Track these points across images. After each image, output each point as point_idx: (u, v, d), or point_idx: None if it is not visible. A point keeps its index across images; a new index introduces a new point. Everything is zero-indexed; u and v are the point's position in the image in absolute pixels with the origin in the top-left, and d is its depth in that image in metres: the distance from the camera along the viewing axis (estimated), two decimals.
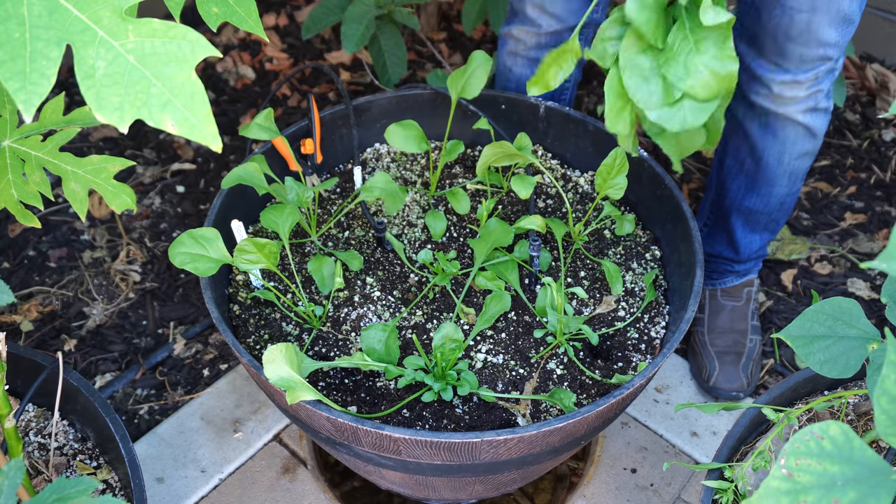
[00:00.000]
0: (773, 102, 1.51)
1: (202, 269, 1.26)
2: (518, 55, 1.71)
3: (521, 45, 1.69)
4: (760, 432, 1.38)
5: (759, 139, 1.59)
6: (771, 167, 1.62)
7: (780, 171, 1.63)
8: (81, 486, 0.85)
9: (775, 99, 1.50)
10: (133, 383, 1.82)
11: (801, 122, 1.53)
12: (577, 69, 1.73)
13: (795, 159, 1.60)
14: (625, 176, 1.45)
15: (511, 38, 1.70)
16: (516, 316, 1.43)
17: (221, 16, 1.06)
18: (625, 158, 1.43)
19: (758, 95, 1.52)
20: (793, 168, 1.62)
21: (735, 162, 1.67)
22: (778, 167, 1.62)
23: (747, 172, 1.66)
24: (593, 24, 1.66)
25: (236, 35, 2.66)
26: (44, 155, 1.16)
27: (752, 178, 1.66)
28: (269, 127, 1.47)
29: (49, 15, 0.62)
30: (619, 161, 1.44)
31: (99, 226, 2.11)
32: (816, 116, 1.54)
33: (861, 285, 2.01)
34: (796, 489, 0.69)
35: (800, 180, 1.66)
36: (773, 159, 1.61)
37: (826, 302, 1.06)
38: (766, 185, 1.65)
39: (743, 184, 1.68)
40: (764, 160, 1.61)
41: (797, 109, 1.52)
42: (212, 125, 0.63)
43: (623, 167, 1.44)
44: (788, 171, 1.63)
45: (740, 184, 1.69)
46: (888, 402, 0.70)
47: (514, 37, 1.69)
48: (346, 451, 1.29)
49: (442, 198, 1.61)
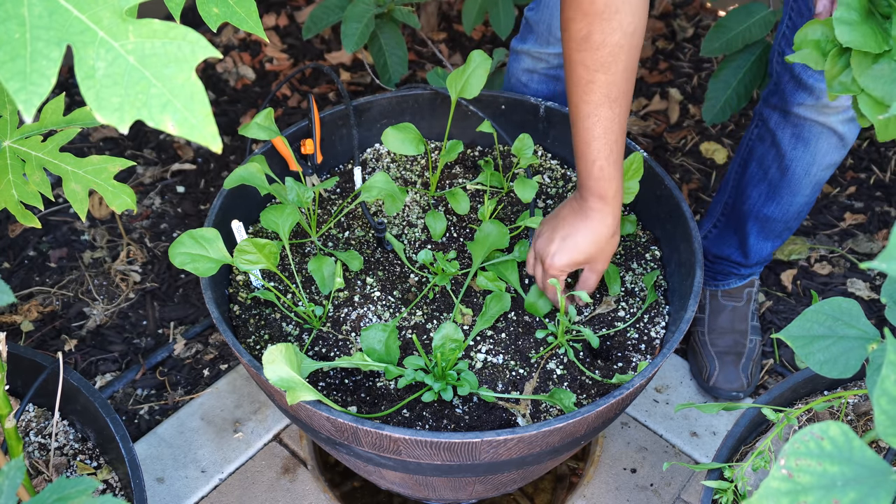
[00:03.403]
0: (817, 111, 1.49)
1: (202, 270, 1.26)
2: (536, 73, 1.69)
3: (542, 65, 1.67)
4: (760, 432, 1.39)
5: (789, 149, 1.57)
6: (797, 177, 1.60)
7: (807, 182, 1.60)
8: (82, 486, 0.85)
9: (821, 108, 1.48)
10: (133, 383, 1.82)
11: (839, 131, 1.51)
12: None
13: (823, 170, 1.58)
14: (638, 181, 1.44)
15: (528, 57, 1.69)
16: (516, 316, 1.43)
17: (221, 16, 1.06)
18: (641, 164, 1.43)
19: (801, 106, 1.49)
20: (819, 179, 1.60)
21: (759, 169, 1.65)
22: (805, 178, 1.59)
23: (771, 181, 1.63)
24: None
25: (236, 35, 2.66)
26: (44, 155, 1.16)
27: (775, 187, 1.64)
28: (269, 127, 1.47)
29: (49, 15, 0.62)
30: (635, 166, 1.43)
31: (99, 226, 2.11)
32: (853, 125, 1.51)
33: (861, 285, 2.01)
34: (796, 489, 0.69)
35: (819, 191, 1.64)
36: (801, 170, 1.58)
37: (826, 302, 1.06)
38: (790, 194, 1.63)
39: (765, 191, 1.66)
40: (791, 170, 1.59)
41: (838, 119, 1.49)
42: (212, 126, 0.63)
43: (638, 172, 1.43)
44: (814, 182, 1.61)
45: (762, 191, 1.66)
46: (888, 402, 0.70)
47: (532, 56, 1.68)
48: (346, 452, 1.29)
49: (442, 198, 1.61)
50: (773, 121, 1.57)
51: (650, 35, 2.68)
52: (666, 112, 2.45)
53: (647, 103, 2.46)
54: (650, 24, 2.69)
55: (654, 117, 2.44)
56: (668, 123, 2.42)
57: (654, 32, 2.69)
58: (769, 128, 1.59)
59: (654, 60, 2.61)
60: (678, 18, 2.74)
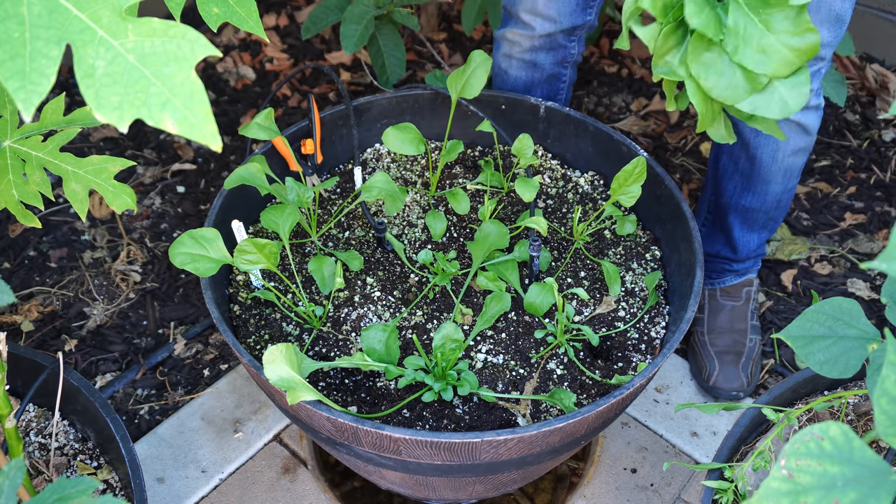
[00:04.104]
0: None
1: (202, 270, 1.26)
2: (513, 58, 1.71)
3: (516, 48, 1.69)
4: (760, 432, 1.38)
5: (752, 137, 1.60)
6: (765, 165, 1.62)
7: (775, 169, 1.63)
8: (82, 486, 0.85)
9: None
10: (133, 383, 1.82)
11: (794, 120, 1.54)
12: (571, 70, 1.74)
13: (789, 156, 1.61)
14: (640, 185, 1.44)
15: (505, 41, 1.71)
16: (516, 316, 1.43)
17: (222, 16, 1.06)
18: (644, 168, 1.43)
19: None
20: (787, 165, 1.62)
21: (730, 161, 1.68)
22: (772, 164, 1.62)
23: (742, 171, 1.66)
24: (586, 26, 1.66)
25: (236, 35, 2.66)
26: (44, 155, 1.16)
27: (747, 177, 1.66)
28: (270, 127, 1.47)
29: (49, 14, 0.62)
30: (638, 170, 1.43)
31: (99, 226, 2.11)
32: (808, 114, 1.54)
33: (861, 285, 2.01)
34: (796, 490, 0.69)
35: (795, 177, 1.67)
36: (768, 157, 1.61)
37: (826, 302, 1.06)
38: (762, 183, 1.66)
39: (739, 183, 1.69)
40: (758, 158, 1.62)
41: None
42: (211, 124, 0.63)
43: (641, 176, 1.43)
44: (783, 169, 1.63)
45: (736, 183, 1.69)
46: (888, 402, 0.70)
47: (508, 39, 1.70)
48: (347, 452, 1.29)
49: (442, 198, 1.61)
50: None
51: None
52: (666, 112, 2.45)
53: (647, 103, 2.46)
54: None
55: (654, 117, 2.44)
56: (668, 123, 2.42)
57: None
58: (731, 119, 1.60)
59: None
60: None
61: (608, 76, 2.56)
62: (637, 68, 2.59)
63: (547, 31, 1.63)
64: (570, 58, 1.71)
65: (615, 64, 2.60)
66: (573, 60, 1.72)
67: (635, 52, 2.63)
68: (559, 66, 1.71)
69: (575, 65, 1.74)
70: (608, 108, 2.47)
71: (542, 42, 1.66)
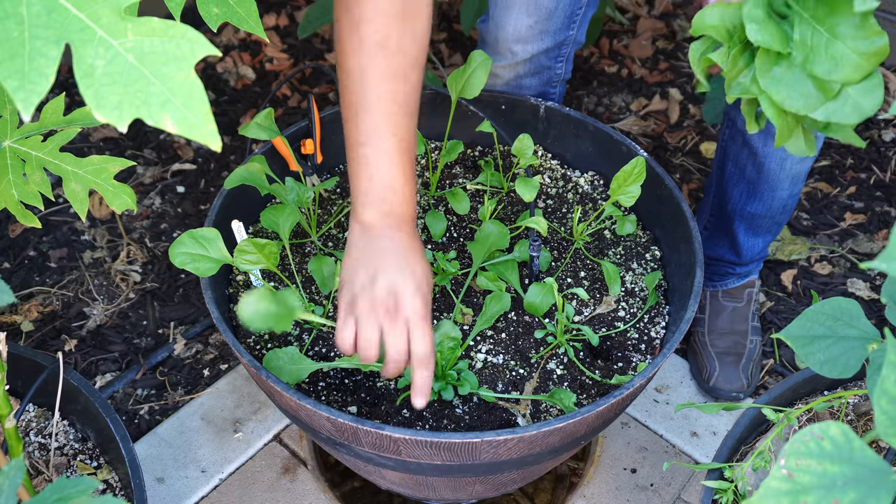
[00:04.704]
0: None
1: (202, 270, 1.26)
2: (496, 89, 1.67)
3: (499, 81, 1.65)
4: (760, 432, 1.38)
5: (760, 146, 1.57)
6: (773, 172, 1.60)
7: (783, 176, 1.61)
8: (82, 486, 0.85)
9: None
10: (133, 383, 1.82)
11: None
12: (566, 63, 1.71)
13: (798, 163, 1.59)
14: (640, 186, 1.44)
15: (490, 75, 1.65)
16: (516, 316, 1.43)
17: (222, 16, 1.06)
18: (643, 168, 1.42)
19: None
20: (795, 171, 1.61)
21: (736, 168, 1.65)
22: (780, 172, 1.60)
23: (749, 179, 1.64)
24: (571, 41, 1.63)
25: (236, 35, 2.66)
26: (44, 155, 1.16)
27: (753, 185, 1.64)
28: (269, 127, 1.47)
29: (48, 14, 0.62)
30: (637, 170, 1.43)
31: (99, 226, 2.11)
32: None
33: (861, 285, 2.01)
34: (796, 490, 0.69)
35: (801, 182, 1.65)
36: (776, 165, 1.59)
37: (826, 302, 1.06)
38: (769, 190, 1.64)
39: (745, 190, 1.66)
40: (766, 166, 1.60)
41: None
42: (211, 124, 0.63)
43: (640, 176, 1.43)
44: (791, 175, 1.61)
45: (742, 190, 1.67)
46: (888, 402, 0.70)
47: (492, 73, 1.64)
48: (347, 452, 1.29)
49: (442, 198, 1.61)
50: (740, 121, 1.58)
51: (650, 35, 2.67)
52: (666, 112, 2.45)
53: (647, 103, 2.46)
54: (650, 24, 2.69)
55: (654, 117, 2.44)
56: (669, 123, 2.42)
57: (654, 32, 2.69)
58: (738, 128, 1.59)
59: (655, 60, 2.61)
60: (678, 18, 2.74)
61: (608, 76, 2.56)
62: (637, 68, 2.59)
63: (530, 54, 1.60)
64: (556, 78, 1.68)
65: (615, 64, 2.60)
66: (561, 79, 1.70)
67: (635, 52, 2.63)
68: (546, 86, 1.69)
69: (564, 82, 1.72)
70: (608, 108, 2.47)
71: (526, 68, 1.63)
